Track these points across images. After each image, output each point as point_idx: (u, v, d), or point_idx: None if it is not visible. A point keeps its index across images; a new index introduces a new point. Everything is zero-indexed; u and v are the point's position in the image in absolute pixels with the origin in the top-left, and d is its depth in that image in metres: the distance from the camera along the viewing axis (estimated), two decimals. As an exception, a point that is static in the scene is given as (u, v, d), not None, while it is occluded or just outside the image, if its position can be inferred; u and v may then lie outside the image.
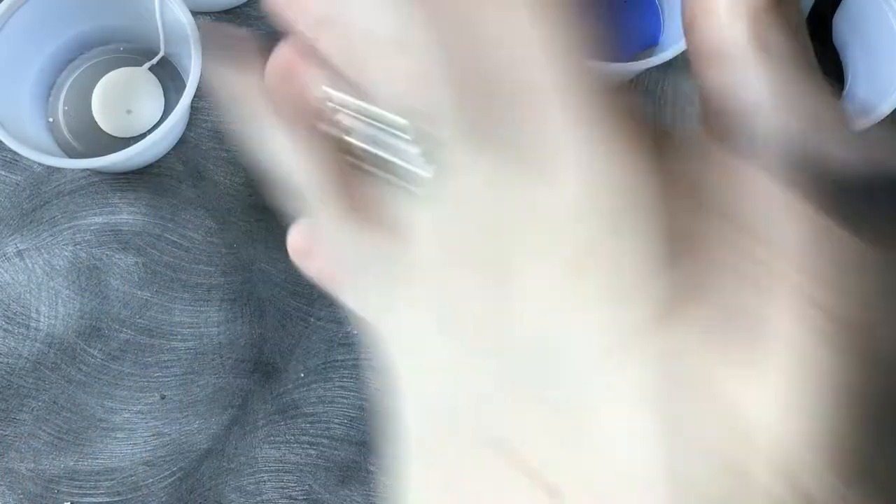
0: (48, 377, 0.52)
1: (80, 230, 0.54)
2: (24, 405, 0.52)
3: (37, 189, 0.55)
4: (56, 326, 0.53)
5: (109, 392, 0.52)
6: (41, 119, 0.56)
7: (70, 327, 0.53)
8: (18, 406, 0.52)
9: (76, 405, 0.52)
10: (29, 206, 0.54)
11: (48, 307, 0.53)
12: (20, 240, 0.54)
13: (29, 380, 0.52)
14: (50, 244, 0.54)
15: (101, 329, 0.53)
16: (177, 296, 0.53)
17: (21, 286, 0.53)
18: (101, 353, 0.52)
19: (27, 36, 0.53)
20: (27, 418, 0.51)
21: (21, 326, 0.53)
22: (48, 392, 0.52)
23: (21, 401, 0.52)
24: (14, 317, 0.53)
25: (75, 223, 0.54)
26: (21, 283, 0.53)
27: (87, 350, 0.52)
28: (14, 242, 0.54)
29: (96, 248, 0.54)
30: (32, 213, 0.54)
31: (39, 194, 0.55)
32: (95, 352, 0.52)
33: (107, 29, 0.56)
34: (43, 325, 0.53)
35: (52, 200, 0.55)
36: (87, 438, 0.51)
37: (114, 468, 0.51)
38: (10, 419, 0.51)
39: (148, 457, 0.51)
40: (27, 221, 0.54)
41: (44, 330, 0.53)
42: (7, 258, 0.54)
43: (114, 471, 0.51)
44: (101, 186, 0.55)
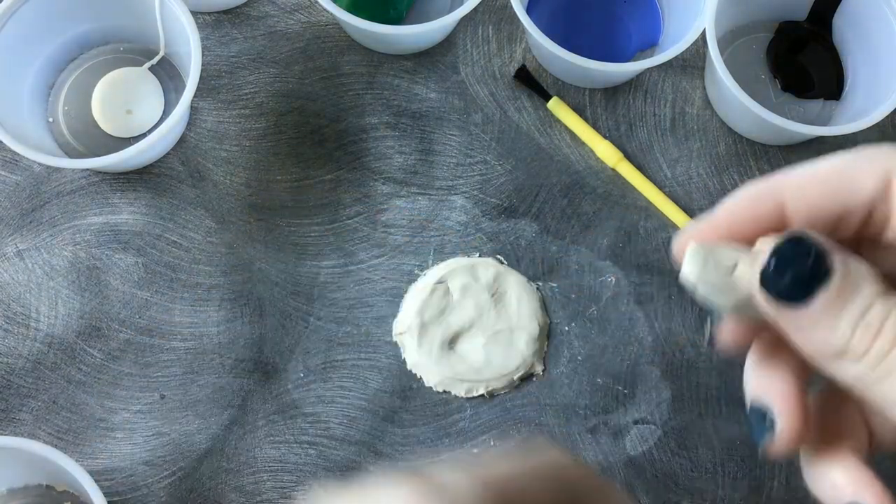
0: (48, 377, 0.52)
1: (80, 230, 0.54)
2: (24, 405, 0.52)
3: (37, 189, 0.55)
4: (56, 326, 0.53)
5: (109, 392, 0.52)
6: (41, 119, 0.56)
7: (70, 327, 0.53)
8: (18, 406, 0.52)
9: (76, 405, 0.52)
10: (29, 206, 0.54)
11: (48, 307, 0.53)
12: (20, 240, 0.54)
13: (29, 380, 0.52)
14: (50, 244, 0.54)
15: (101, 329, 0.53)
16: (177, 296, 0.53)
17: (21, 286, 0.53)
18: (101, 352, 0.52)
19: (27, 36, 0.53)
20: (27, 418, 0.51)
21: (21, 326, 0.53)
22: (48, 392, 0.52)
23: (21, 401, 0.52)
24: (14, 317, 0.53)
25: (75, 223, 0.54)
26: (21, 283, 0.53)
27: (87, 350, 0.52)
28: (14, 242, 0.54)
29: (96, 248, 0.54)
30: (32, 213, 0.54)
31: (39, 194, 0.55)
32: (95, 352, 0.52)
33: (107, 29, 0.56)
34: (43, 325, 0.53)
35: (52, 200, 0.55)
36: (86, 438, 0.51)
37: (114, 468, 0.51)
38: (10, 419, 0.51)
39: (148, 457, 0.51)
40: (27, 221, 0.54)
41: (44, 330, 0.53)
42: (7, 258, 0.54)
43: (114, 471, 0.51)
44: (101, 186, 0.55)
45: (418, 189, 0.56)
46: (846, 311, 0.22)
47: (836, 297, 0.22)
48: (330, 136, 0.56)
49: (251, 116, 0.56)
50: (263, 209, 0.55)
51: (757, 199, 0.25)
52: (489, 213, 0.55)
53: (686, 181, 0.56)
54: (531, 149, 0.56)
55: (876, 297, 0.22)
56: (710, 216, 0.25)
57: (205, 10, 0.58)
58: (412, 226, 0.55)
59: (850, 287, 0.22)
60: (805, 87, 0.58)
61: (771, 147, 0.57)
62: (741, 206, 0.25)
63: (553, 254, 0.55)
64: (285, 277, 0.54)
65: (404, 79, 0.57)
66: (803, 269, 0.22)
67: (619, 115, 0.57)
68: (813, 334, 0.23)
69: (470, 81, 0.57)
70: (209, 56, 0.57)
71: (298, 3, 0.58)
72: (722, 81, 0.51)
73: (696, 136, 0.57)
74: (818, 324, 0.22)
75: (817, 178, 0.25)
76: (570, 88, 0.58)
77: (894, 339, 0.22)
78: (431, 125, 0.57)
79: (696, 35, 0.52)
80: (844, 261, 0.23)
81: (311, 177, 0.55)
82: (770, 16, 0.59)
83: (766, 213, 0.25)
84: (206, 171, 0.55)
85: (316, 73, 0.57)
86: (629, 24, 0.59)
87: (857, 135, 0.53)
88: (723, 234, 0.25)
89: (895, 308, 0.22)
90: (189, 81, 0.50)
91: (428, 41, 0.57)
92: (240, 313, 0.53)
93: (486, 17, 0.59)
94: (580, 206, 0.56)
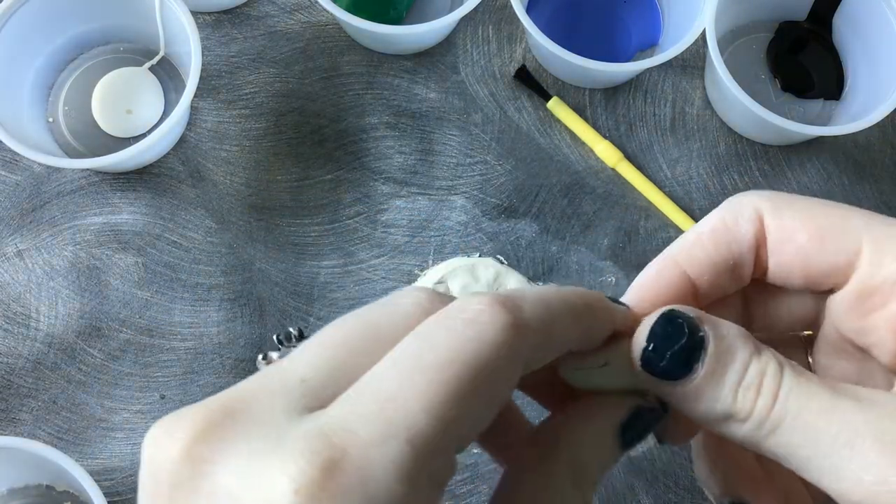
0: (48, 377, 0.52)
1: (80, 230, 0.54)
2: (24, 405, 0.52)
3: (37, 189, 0.55)
4: (56, 326, 0.53)
5: (109, 392, 0.52)
6: (41, 119, 0.56)
7: (70, 327, 0.53)
8: (18, 406, 0.52)
9: (76, 405, 0.52)
10: (29, 206, 0.54)
11: (48, 307, 0.53)
12: (20, 240, 0.54)
13: (29, 380, 0.52)
14: (50, 244, 0.54)
15: (101, 329, 0.53)
16: (177, 296, 0.53)
17: (21, 286, 0.53)
18: (101, 352, 0.52)
19: (27, 36, 0.53)
20: (27, 418, 0.51)
21: (21, 326, 0.53)
22: (48, 392, 0.52)
23: (21, 401, 0.52)
24: (14, 317, 0.53)
25: (75, 223, 0.54)
26: (21, 283, 0.53)
27: (87, 350, 0.52)
28: (14, 242, 0.54)
29: (96, 248, 0.54)
30: (32, 213, 0.54)
31: (39, 194, 0.55)
32: (95, 352, 0.52)
33: (107, 29, 0.56)
34: (43, 325, 0.53)
35: (52, 200, 0.55)
36: (87, 438, 0.51)
37: (114, 468, 0.51)
38: (10, 419, 0.51)
39: (148, 457, 0.51)
40: (27, 221, 0.54)
41: (44, 330, 0.53)
42: (7, 258, 0.54)
43: (114, 471, 0.51)
44: (101, 186, 0.55)
45: (418, 189, 0.56)
46: (726, 378, 0.23)
47: (714, 366, 0.23)
48: (330, 136, 0.56)
49: (251, 116, 0.56)
50: (263, 209, 0.55)
51: (659, 275, 0.26)
52: (489, 213, 0.55)
53: (686, 181, 0.56)
54: (531, 149, 0.56)
55: (751, 358, 0.23)
56: (628, 298, 0.27)
57: (205, 10, 0.58)
58: (412, 226, 0.55)
59: (726, 353, 0.23)
60: (805, 87, 0.58)
61: (771, 147, 0.57)
62: (647, 285, 0.26)
63: (553, 254, 0.55)
64: (285, 277, 0.54)
65: (404, 79, 0.57)
66: (679, 345, 0.23)
67: (619, 115, 0.57)
68: (698, 405, 0.23)
69: (470, 81, 0.57)
70: (209, 56, 0.57)
71: (298, 3, 0.58)
72: (722, 81, 0.51)
73: (696, 136, 0.57)
74: (702, 394, 0.23)
75: (702, 241, 0.26)
76: (570, 88, 0.58)
77: (774, 394, 0.23)
78: (431, 125, 0.57)
79: (696, 35, 0.52)
80: (716, 327, 0.24)
81: (311, 177, 0.55)
82: (770, 16, 0.59)
83: (674, 283, 0.26)
84: (206, 171, 0.55)
85: (316, 73, 0.57)
86: (629, 24, 0.59)
87: (857, 135, 0.53)
88: (644, 310, 0.26)
89: (769, 363, 0.23)
90: (189, 81, 0.50)
91: (428, 41, 0.57)
92: (240, 313, 0.53)
93: (486, 17, 0.59)
94: (580, 206, 0.56)
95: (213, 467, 0.19)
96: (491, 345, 0.20)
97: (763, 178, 0.57)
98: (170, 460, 0.19)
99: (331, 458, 0.18)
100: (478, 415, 0.20)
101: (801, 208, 0.25)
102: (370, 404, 0.19)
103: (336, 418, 0.19)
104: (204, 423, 0.19)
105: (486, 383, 0.20)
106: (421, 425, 0.19)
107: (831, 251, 0.25)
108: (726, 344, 0.23)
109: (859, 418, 0.22)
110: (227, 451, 0.19)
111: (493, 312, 0.21)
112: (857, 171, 0.57)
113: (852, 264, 0.25)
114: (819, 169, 0.57)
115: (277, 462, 0.18)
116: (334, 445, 0.18)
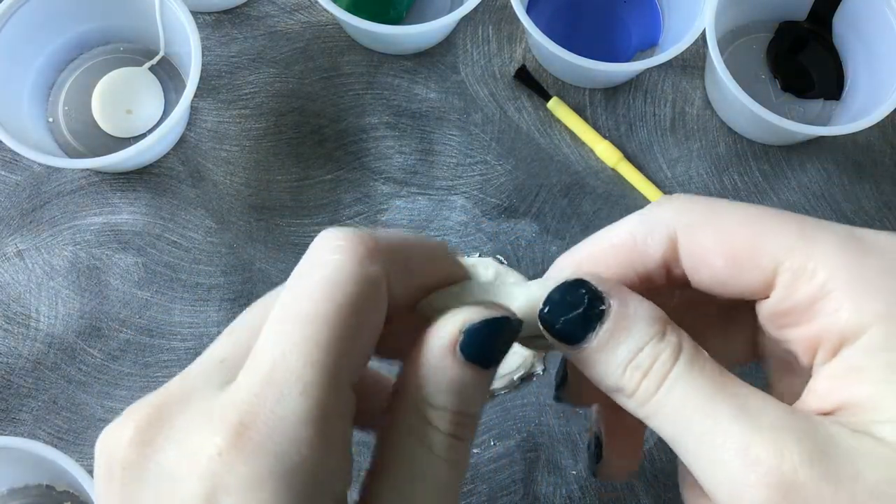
0: (48, 377, 0.52)
1: (80, 230, 0.54)
2: (24, 405, 0.52)
3: (37, 189, 0.55)
4: (56, 326, 0.53)
5: (109, 392, 0.52)
6: (41, 119, 0.56)
7: (70, 327, 0.53)
8: (18, 406, 0.52)
9: (76, 405, 0.52)
10: (29, 206, 0.54)
11: (48, 307, 0.53)
12: (20, 240, 0.54)
13: (29, 380, 0.52)
14: (50, 244, 0.54)
15: (101, 329, 0.53)
16: (177, 296, 0.53)
17: (21, 286, 0.53)
18: (101, 352, 0.52)
19: (27, 36, 0.53)
20: (27, 418, 0.51)
21: (21, 326, 0.53)
22: (48, 392, 0.52)
23: (21, 401, 0.52)
24: (14, 317, 0.53)
25: (75, 223, 0.54)
26: (21, 283, 0.53)
27: (87, 350, 0.52)
28: (14, 242, 0.54)
29: (96, 248, 0.54)
30: (32, 213, 0.54)
31: (39, 194, 0.55)
32: (95, 352, 0.52)
33: (107, 29, 0.56)
34: (43, 325, 0.53)
35: (52, 200, 0.55)
36: (87, 438, 0.51)
37: (114, 468, 0.51)
38: (10, 419, 0.51)
39: (148, 457, 0.51)
40: (27, 221, 0.54)
41: (44, 330, 0.53)
42: (7, 258, 0.54)
43: (114, 471, 0.51)
44: (101, 186, 0.55)
45: (418, 189, 0.56)
46: (618, 353, 0.24)
47: (608, 338, 0.24)
48: (330, 136, 0.56)
49: (251, 116, 0.56)
50: (263, 209, 0.55)
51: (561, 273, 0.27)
52: (489, 213, 0.55)
53: (686, 181, 0.56)
54: (531, 149, 0.56)
55: (650, 339, 0.24)
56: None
57: (205, 10, 0.58)
58: (412, 226, 0.55)
59: (622, 330, 0.24)
60: (805, 87, 0.58)
61: (771, 147, 0.57)
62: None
63: (553, 254, 0.55)
64: (285, 277, 0.54)
65: (404, 79, 0.57)
66: (573, 312, 0.24)
67: (619, 115, 0.57)
68: (592, 370, 0.25)
69: (470, 81, 0.57)
70: (209, 56, 0.57)
71: (298, 3, 0.58)
72: (722, 81, 0.51)
73: (696, 136, 0.57)
74: (596, 361, 0.24)
75: (605, 257, 0.26)
76: (570, 88, 0.58)
77: (660, 380, 0.23)
78: (431, 125, 0.57)
79: (696, 35, 0.52)
80: (623, 304, 0.24)
81: (311, 177, 0.55)
82: (770, 16, 0.59)
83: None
84: (206, 171, 0.55)
85: (316, 73, 0.57)
86: (629, 24, 0.59)
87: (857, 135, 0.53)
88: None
89: (665, 351, 0.24)
90: (189, 81, 0.50)
91: (428, 41, 0.57)
92: (240, 313, 0.53)
93: (486, 17, 0.59)
94: (580, 206, 0.56)
95: (157, 448, 0.22)
96: (351, 274, 0.23)
97: (763, 178, 0.57)
98: (120, 447, 0.22)
99: (241, 422, 0.21)
100: (357, 347, 0.23)
101: (719, 227, 0.25)
102: (264, 367, 0.22)
103: (243, 388, 0.22)
104: (148, 412, 0.22)
105: (354, 314, 0.22)
106: (308, 377, 0.22)
107: (746, 276, 0.25)
108: (627, 321, 0.24)
109: (733, 428, 0.22)
110: (168, 434, 0.22)
111: (349, 240, 0.24)
112: (857, 171, 0.57)
113: (770, 284, 0.25)
114: (819, 169, 0.57)
115: (207, 433, 0.21)
116: (244, 411, 0.21)
